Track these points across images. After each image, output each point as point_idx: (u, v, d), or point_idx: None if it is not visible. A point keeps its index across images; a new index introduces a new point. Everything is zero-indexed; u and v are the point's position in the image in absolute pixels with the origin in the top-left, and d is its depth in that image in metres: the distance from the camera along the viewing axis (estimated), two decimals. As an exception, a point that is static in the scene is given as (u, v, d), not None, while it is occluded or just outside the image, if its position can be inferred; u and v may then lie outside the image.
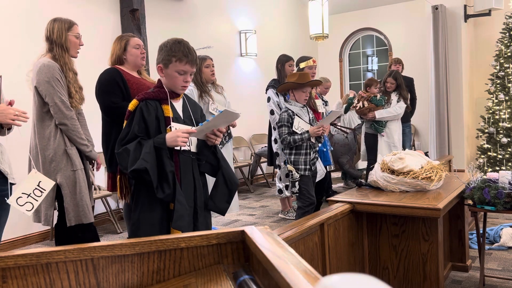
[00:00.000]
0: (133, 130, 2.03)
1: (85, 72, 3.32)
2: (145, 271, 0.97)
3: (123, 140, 2.04)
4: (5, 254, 0.86)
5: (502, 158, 5.97)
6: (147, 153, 1.96)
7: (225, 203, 2.19)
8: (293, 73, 3.76)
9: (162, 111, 2.09)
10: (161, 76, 2.13)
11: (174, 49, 2.07)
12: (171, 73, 2.08)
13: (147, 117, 2.05)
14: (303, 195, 3.61)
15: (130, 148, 1.98)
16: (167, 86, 2.12)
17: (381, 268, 2.65)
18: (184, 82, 2.10)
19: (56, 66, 2.76)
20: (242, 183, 6.81)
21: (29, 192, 2.49)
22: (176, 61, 2.06)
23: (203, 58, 3.92)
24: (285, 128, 3.59)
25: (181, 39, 2.14)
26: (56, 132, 2.78)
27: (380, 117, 5.06)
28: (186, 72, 2.09)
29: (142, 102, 2.08)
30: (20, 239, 4.23)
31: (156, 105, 2.08)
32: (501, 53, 6.13)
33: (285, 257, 0.80)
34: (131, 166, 1.94)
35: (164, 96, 2.11)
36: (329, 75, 8.42)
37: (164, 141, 2.00)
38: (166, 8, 5.95)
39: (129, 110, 2.10)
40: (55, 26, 2.82)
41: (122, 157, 2.00)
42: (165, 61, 2.08)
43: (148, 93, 2.12)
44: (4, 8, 4.23)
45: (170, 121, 2.09)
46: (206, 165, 2.22)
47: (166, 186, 1.99)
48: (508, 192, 2.49)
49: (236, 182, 2.22)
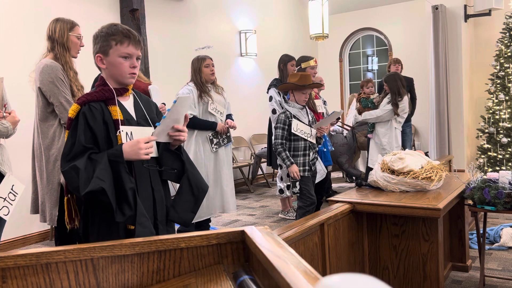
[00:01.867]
0: (79, 141, 1.70)
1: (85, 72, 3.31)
2: (145, 271, 0.97)
3: (69, 154, 1.70)
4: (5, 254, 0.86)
5: (502, 158, 5.97)
6: (102, 170, 1.64)
7: (189, 213, 1.88)
8: (295, 73, 3.75)
9: (110, 114, 1.76)
10: (102, 67, 1.81)
11: (111, 32, 1.76)
12: (114, 60, 1.76)
13: (92, 124, 1.72)
14: (304, 195, 3.62)
15: (80, 165, 1.64)
16: (111, 80, 1.81)
17: (381, 268, 2.65)
18: (131, 68, 1.78)
19: (58, 66, 2.78)
20: (242, 183, 6.81)
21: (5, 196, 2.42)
22: (117, 44, 1.75)
23: (202, 58, 3.91)
24: (280, 130, 3.59)
25: (116, 23, 1.83)
26: (61, 132, 2.79)
27: (364, 118, 5.11)
28: (131, 56, 1.78)
29: (84, 106, 1.74)
30: (20, 239, 4.23)
31: (101, 107, 1.76)
32: (501, 53, 6.13)
33: (285, 257, 0.80)
34: (85, 188, 1.61)
35: (110, 95, 1.78)
36: (329, 75, 8.44)
37: (121, 154, 1.68)
38: (166, 8, 5.95)
39: (70, 117, 1.75)
40: (57, 25, 2.84)
41: (70, 176, 1.66)
42: (103, 48, 1.77)
43: (90, 94, 1.79)
44: (5, 8, 4.23)
45: (118, 125, 1.75)
46: (168, 173, 1.88)
47: (126, 207, 1.68)
48: (508, 192, 2.49)
49: (204, 188, 1.91)
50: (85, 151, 1.69)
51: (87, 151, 1.70)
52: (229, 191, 3.99)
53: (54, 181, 2.78)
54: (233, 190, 4.05)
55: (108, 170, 1.66)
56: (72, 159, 1.68)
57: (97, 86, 1.83)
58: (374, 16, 8.30)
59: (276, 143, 3.58)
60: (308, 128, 3.65)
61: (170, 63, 5.85)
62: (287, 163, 3.55)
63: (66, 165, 1.68)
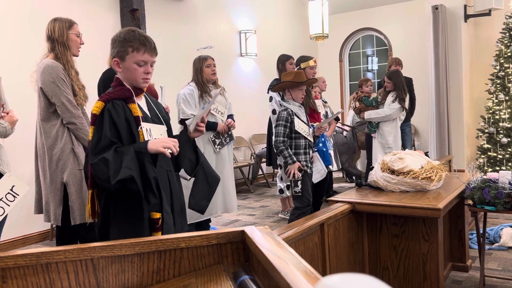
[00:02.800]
0: (105, 135, 1.81)
1: (85, 72, 3.31)
2: (145, 271, 0.97)
3: (96, 148, 1.80)
4: (5, 254, 0.86)
5: (502, 158, 5.97)
6: (130, 161, 1.76)
7: (205, 200, 2.04)
8: (289, 72, 3.70)
9: (130, 111, 1.89)
10: (119, 71, 1.93)
11: (129, 38, 1.88)
12: (130, 66, 1.89)
13: (116, 120, 1.84)
14: (303, 195, 3.55)
15: (108, 157, 1.75)
16: (127, 82, 1.94)
17: (381, 268, 2.65)
18: (145, 74, 1.91)
19: (59, 66, 2.78)
20: (242, 183, 6.81)
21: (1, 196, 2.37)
22: (133, 51, 1.87)
23: (204, 58, 3.91)
24: (282, 128, 3.48)
25: (134, 28, 1.97)
26: (63, 131, 2.79)
27: (368, 118, 5.05)
28: (146, 63, 1.91)
29: (108, 103, 1.86)
30: (20, 239, 4.23)
31: (122, 105, 1.88)
32: (501, 53, 6.13)
33: (285, 257, 0.80)
34: (115, 177, 1.72)
35: (129, 94, 1.91)
36: (329, 75, 8.43)
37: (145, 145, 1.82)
38: (166, 8, 5.95)
39: (95, 114, 1.86)
40: (56, 25, 2.84)
41: (99, 167, 1.76)
42: (120, 53, 1.89)
43: (112, 92, 1.91)
44: (5, 8, 4.23)
45: (140, 121, 1.89)
46: (186, 162, 2.03)
47: (151, 195, 1.82)
48: (508, 192, 2.49)
49: (217, 178, 2.08)
50: (111, 145, 1.80)
51: (113, 145, 1.81)
52: (232, 191, 4.00)
53: (57, 180, 2.78)
54: (234, 190, 4.06)
55: (135, 161, 1.78)
56: (99, 153, 1.78)
57: (115, 86, 1.95)
58: (374, 16, 8.30)
59: (278, 141, 3.47)
60: (307, 127, 3.63)
61: (170, 63, 5.85)
62: (290, 162, 3.43)
63: (94, 158, 1.78)
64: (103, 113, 1.85)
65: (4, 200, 2.37)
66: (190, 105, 3.80)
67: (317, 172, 3.99)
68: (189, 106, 3.80)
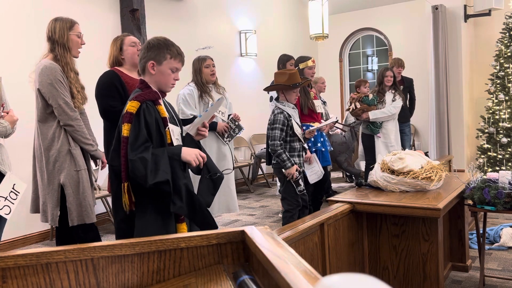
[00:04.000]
0: (142, 133, 1.97)
1: (85, 73, 3.31)
2: (145, 271, 0.97)
3: (135, 144, 1.95)
4: (5, 254, 0.86)
5: (502, 158, 5.97)
6: (166, 164, 1.94)
7: (210, 195, 2.18)
8: (282, 72, 3.59)
9: (159, 112, 2.06)
10: (152, 73, 2.08)
11: (168, 46, 2.07)
12: (165, 70, 2.07)
13: (149, 119, 2.00)
14: (292, 198, 3.51)
15: (148, 157, 1.91)
16: (154, 85, 2.10)
17: (381, 268, 2.65)
18: (174, 80, 2.11)
19: (57, 68, 2.76)
20: (242, 183, 6.81)
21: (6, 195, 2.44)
22: (171, 58, 2.07)
23: (203, 58, 3.91)
24: (279, 131, 3.44)
25: (168, 38, 2.14)
26: (60, 133, 2.78)
27: (374, 118, 5.02)
28: (178, 70, 2.11)
29: (143, 103, 2.02)
30: (20, 239, 4.23)
31: (152, 106, 2.05)
32: (501, 53, 6.13)
33: (285, 257, 0.80)
34: (153, 178, 1.89)
35: (157, 97, 2.08)
36: (329, 75, 8.43)
37: (179, 153, 2.00)
38: (166, 8, 5.95)
39: (131, 112, 1.99)
40: (57, 25, 2.82)
41: (137, 165, 1.91)
42: (158, 58, 2.06)
43: (145, 94, 2.05)
44: (5, 8, 4.23)
45: (167, 122, 2.07)
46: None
47: (177, 199, 1.97)
48: (508, 192, 2.49)
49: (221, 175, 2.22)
50: (146, 142, 1.97)
51: (147, 142, 1.97)
52: (232, 192, 4.00)
53: (54, 181, 2.78)
54: (235, 191, 4.06)
55: (169, 165, 1.96)
56: (137, 149, 1.94)
57: (142, 89, 2.09)
58: (374, 16, 8.30)
59: (276, 144, 3.44)
60: (299, 129, 3.62)
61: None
62: (288, 165, 3.42)
63: (134, 155, 1.93)
64: (139, 112, 1.99)
65: (8, 198, 2.42)
66: (190, 106, 3.80)
67: (314, 173, 3.98)
68: (189, 107, 3.80)
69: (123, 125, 2.00)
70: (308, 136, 3.78)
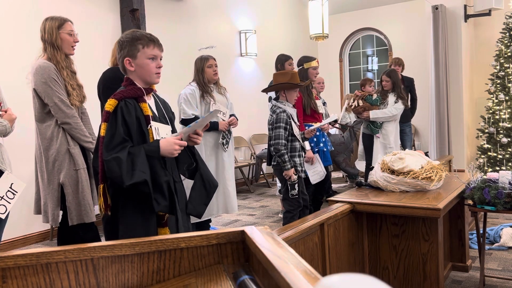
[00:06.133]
0: (118, 132, 1.88)
1: (85, 72, 3.32)
2: (145, 271, 0.97)
3: (109, 145, 1.87)
4: (5, 254, 0.86)
5: (502, 158, 5.97)
6: (143, 164, 1.84)
7: (202, 205, 2.10)
8: (284, 72, 3.59)
9: (141, 110, 1.96)
10: (131, 70, 2.00)
11: (137, 37, 1.98)
12: (142, 62, 1.98)
13: (127, 118, 1.91)
14: (294, 198, 3.50)
15: (122, 157, 1.83)
16: (139, 81, 2.01)
17: (381, 268, 2.65)
18: (157, 68, 2.01)
19: (51, 66, 2.76)
20: (242, 183, 6.81)
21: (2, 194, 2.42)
22: (144, 48, 1.97)
23: (205, 58, 3.90)
24: (282, 130, 3.42)
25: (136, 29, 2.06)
26: (58, 132, 2.78)
27: (375, 117, 5.02)
28: (157, 57, 2.00)
29: (121, 101, 1.93)
30: (20, 239, 4.23)
31: (134, 104, 1.96)
32: (501, 53, 6.13)
33: (285, 257, 0.80)
34: (128, 179, 1.80)
35: (140, 93, 1.99)
36: (329, 75, 8.44)
37: (158, 149, 1.90)
38: (166, 8, 5.95)
39: (108, 111, 1.92)
40: (46, 25, 2.82)
41: (111, 165, 1.83)
42: (132, 52, 1.97)
43: (125, 91, 1.98)
44: (5, 8, 4.23)
45: (149, 120, 1.97)
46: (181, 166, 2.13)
47: (160, 197, 1.90)
48: (508, 192, 2.49)
49: (214, 184, 2.14)
50: (124, 142, 1.88)
51: (125, 142, 1.89)
52: (232, 192, 3.99)
53: (54, 181, 2.78)
54: (235, 191, 4.06)
55: (146, 164, 1.86)
56: (113, 149, 1.86)
57: (126, 86, 2.01)
58: (374, 16, 8.30)
59: (280, 143, 3.40)
60: (297, 129, 3.61)
61: (170, 63, 5.84)
62: (288, 166, 3.40)
63: (108, 155, 1.85)
64: (116, 110, 1.92)
65: (5, 198, 2.40)
66: (191, 105, 3.80)
67: (316, 174, 3.98)
68: (190, 106, 3.80)
69: (101, 124, 1.94)
70: (307, 136, 3.77)
